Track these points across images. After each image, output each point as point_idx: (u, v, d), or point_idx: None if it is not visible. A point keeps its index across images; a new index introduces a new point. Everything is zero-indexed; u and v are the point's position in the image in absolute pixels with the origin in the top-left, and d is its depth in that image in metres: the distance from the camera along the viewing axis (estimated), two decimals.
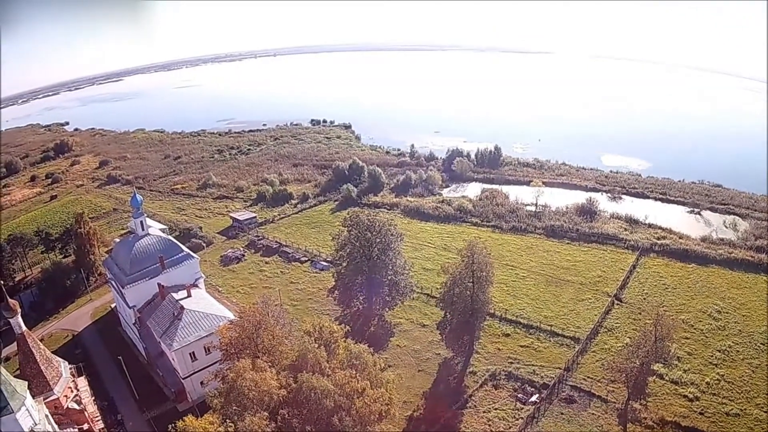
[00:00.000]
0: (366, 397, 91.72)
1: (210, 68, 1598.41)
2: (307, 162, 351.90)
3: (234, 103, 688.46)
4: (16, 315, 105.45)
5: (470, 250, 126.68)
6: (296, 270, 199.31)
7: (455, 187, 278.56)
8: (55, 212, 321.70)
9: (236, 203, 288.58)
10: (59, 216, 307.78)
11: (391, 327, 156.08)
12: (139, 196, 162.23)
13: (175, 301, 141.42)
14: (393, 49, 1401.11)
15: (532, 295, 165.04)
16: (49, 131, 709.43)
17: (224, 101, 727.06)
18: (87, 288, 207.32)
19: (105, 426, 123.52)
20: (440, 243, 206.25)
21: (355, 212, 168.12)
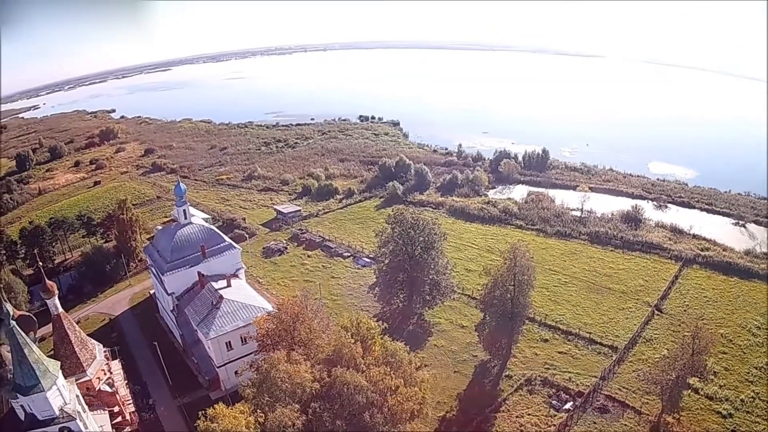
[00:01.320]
0: (399, 395, 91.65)
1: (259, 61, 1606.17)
2: (354, 158, 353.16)
3: (283, 97, 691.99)
4: (53, 296, 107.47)
5: (513, 252, 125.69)
6: (338, 265, 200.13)
7: (501, 189, 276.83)
8: (97, 198, 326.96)
9: (281, 196, 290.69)
10: (102, 201, 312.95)
11: (430, 326, 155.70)
12: (183, 185, 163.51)
13: (214, 290, 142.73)
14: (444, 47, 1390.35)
15: (573, 301, 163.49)
16: (95, 118, 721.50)
17: (273, 94, 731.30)
18: (126, 273, 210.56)
19: (136, 410, 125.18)
20: (484, 244, 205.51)
21: (400, 210, 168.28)
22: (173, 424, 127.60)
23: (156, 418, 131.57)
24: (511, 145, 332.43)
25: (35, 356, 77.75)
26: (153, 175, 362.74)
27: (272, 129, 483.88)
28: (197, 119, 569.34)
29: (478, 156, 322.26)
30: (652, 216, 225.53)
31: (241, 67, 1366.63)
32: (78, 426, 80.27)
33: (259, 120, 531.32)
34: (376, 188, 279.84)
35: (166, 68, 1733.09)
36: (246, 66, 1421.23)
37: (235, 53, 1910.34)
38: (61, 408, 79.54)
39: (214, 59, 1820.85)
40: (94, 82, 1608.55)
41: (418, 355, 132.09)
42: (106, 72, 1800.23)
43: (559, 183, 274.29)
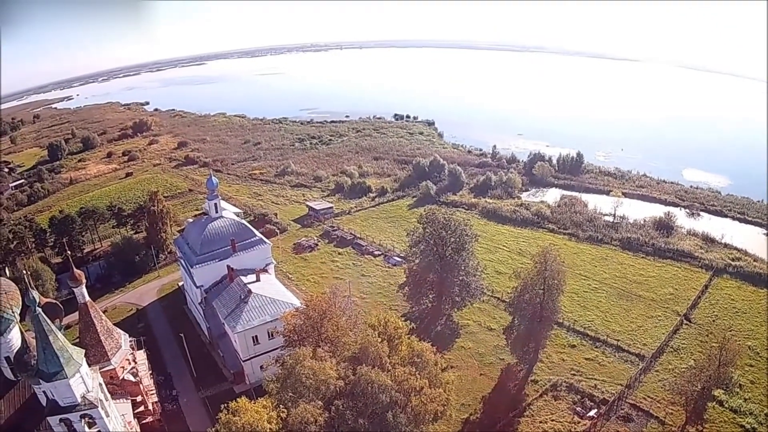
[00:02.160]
0: (423, 395, 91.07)
1: (295, 57, 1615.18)
2: (388, 156, 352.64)
3: (317, 93, 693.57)
4: (80, 285, 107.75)
5: (544, 256, 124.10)
6: (369, 263, 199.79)
7: (534, 192, 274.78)
8: (129, 189, 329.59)
9: (313, 192, 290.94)
10: (133, 193, 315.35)
11: (458, 328, 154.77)
12: (215, 178, 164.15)
13: (243, 284, 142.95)
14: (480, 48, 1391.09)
15: (602, 307, 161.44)
16: (129, 110, 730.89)
17: (308, 91, 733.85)
18: (156, 265, 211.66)
19: (159, 400, 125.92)
20: (515, 247, 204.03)
21: (432, 210, 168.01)
22: (196, 416, 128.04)
23: (179, 409, 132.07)
24: (546, 148, 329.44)
25: (60, 343, 77.59)
26: (185, 168, 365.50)
27: (306, 125, 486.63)
28: (231, 114, 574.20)
29: (512, 158, 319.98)
30: (684, 224, 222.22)
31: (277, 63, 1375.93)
32: (99, 414, 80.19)
33: (294, 116, 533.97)
34: (409, 187, 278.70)
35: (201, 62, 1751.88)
36: (281, 62, 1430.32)
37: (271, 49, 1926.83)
38: (83, 395, 79.34)
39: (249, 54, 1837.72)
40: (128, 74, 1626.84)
41: (445, 356, 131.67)
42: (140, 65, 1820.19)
43: (593, 187, 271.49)
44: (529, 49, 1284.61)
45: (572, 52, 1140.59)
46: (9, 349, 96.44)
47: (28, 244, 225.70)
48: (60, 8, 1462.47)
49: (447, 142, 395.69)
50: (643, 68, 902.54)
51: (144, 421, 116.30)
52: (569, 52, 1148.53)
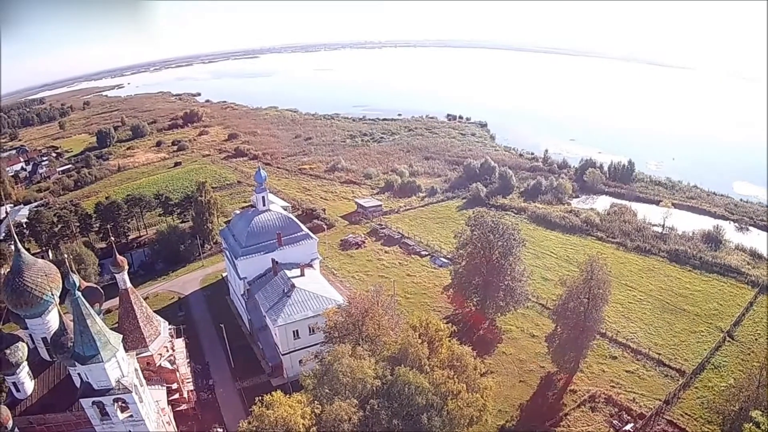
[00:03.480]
0: (460, 399, 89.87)
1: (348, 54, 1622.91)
2: (439, 156, 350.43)
3: (371, 91, 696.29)
4: (122, 271, 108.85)
5: (590, 265, 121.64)
6: (415, 263, 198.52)
7: (584, 199, 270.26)
8: (177, 178, 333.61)
9: (363, 190, 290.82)
10: (181, 182, 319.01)
11: (501, 333, 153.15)
12: (264, 172, 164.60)
13: (287, 278, 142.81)
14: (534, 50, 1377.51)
15: (646, 319, 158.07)
16: (180, 100, 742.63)
17: (361, 87, 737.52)
18: (200, 254, 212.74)
19: (195, 389, 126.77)
20: (563, 254, 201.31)
21: (481, 212, 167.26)
22: (230, 407, 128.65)
23: (214, 398, 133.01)
24: (598, 155, 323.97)
25: (97, 327, 77.34)
26: (235, 160, 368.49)
27: (358, 122, 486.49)
28: (283, 108, 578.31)
29: (563, 163, 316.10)
30: (732, 238, 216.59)
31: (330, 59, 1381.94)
32: (133, 399, 79.87)
33: (346, 112, 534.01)
34: (459, 188, 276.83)
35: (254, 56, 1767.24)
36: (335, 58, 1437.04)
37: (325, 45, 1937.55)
38: (117, 380, 79.08)
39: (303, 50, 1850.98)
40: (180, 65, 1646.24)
41: (485, 361, 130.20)
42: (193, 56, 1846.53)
43: (643, 196, 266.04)
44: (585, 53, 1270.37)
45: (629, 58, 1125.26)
46: (47, 330, 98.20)
47: (72, 229, 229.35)
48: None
49: (499, 144, 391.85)
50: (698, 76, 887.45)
51: (178, 408, 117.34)
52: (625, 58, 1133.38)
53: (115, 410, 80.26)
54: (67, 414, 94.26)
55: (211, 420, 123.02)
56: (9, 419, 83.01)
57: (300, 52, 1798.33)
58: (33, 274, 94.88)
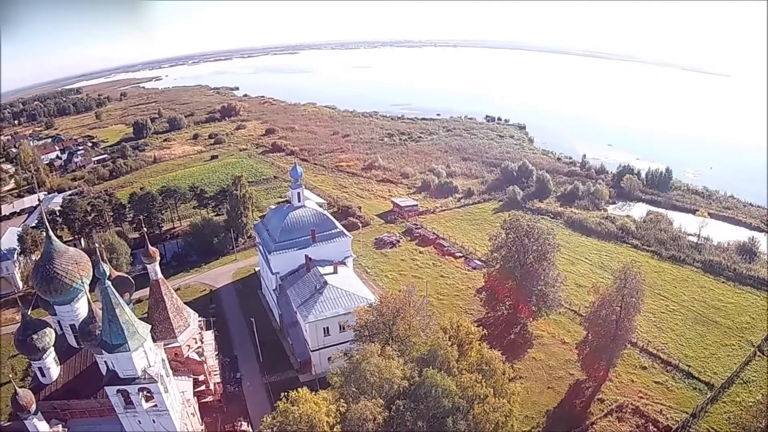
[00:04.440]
0: (486, 404, 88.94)
1: (388, 52, 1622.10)
2: (477, 158, 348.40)
3: (410, 90, 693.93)
4: (153, 262, 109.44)
5: (624, 273, 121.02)
6: (449, 264, 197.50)
7: (621, 205, 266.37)
8: (213, 171, 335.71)
9: (399, 189, 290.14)
10: (217, 175, 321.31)
11: (532, 338, 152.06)
12: (300, 168, 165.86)
13: (319, 275, 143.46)
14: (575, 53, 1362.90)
15: (678, 330, 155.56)
16: (218, 94, 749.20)
17: (400, 86, 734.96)
18: (234, 248, 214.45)
19: (222, 381, 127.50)
20: (597, 261, 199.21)
21: (517, 216, 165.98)
22: (256, 401, 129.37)
23: (240, 392, 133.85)
24: (635, 161, 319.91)
25: (126, 317, 78.12)
26: (272, 155, 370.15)
27: (397, 121, 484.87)
28: (321, 104, 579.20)
29: (601, 168, 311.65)
30: None
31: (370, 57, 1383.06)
32: (158, 389, 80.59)
33: (385, 111, 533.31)
34: (496, 191, 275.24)
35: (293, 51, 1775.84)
36: (374, 56, 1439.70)
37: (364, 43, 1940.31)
38: (144, 369, 79.79)
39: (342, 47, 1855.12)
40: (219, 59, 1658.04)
41: (515, 365, 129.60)
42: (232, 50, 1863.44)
43: (679, 205, 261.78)
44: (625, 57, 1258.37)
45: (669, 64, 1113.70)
46: (75, 317, 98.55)
47: (106, 218, 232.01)
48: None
49: (537, 147, 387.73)
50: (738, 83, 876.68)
51: (204, 400, 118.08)
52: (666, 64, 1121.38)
53: (140, 399, 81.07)
54: (91, 401, 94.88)
55: (237, 413, 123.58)
56: (32, 403, 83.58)
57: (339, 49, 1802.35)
58: (63, 261, 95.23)
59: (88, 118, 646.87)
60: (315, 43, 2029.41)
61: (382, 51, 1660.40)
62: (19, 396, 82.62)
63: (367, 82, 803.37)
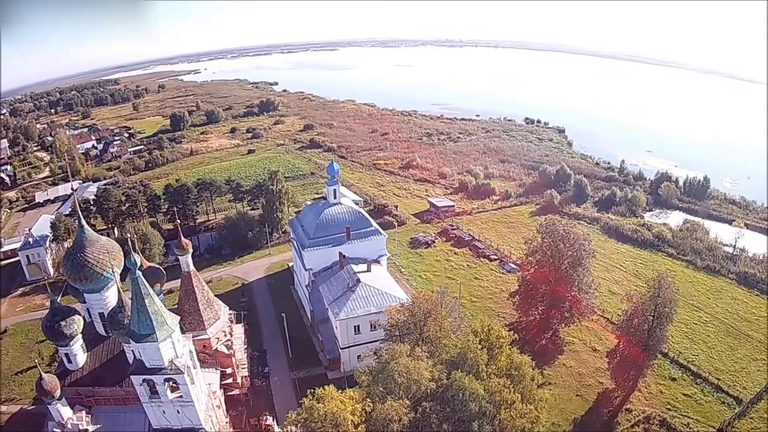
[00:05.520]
0: (514, 410, 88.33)
1: (429, 51, 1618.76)
2: (515, 160, 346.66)
3: (449, 89, 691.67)
4: (186, 254, 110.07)
5: (658, 282, 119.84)
6: (483, 266, 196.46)
7: (658, 213, 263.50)
8: (249, 165, 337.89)
9: (436, 189, 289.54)
10: (253, 170, 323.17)
11: (563, 344, 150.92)
12: (337, 165, 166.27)
13: (353, 272, 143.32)
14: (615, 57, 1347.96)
15: (709, 342, 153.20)
16: (257, 88, 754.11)
17: (440, 86, 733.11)
18: (268, 242, 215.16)
19: (249, 375, 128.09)
20: (632, 268, 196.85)
21: (553, 220, 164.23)
22: (283, 396, 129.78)
23: (267, 386, 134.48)
24: (674, 168, 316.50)
25: (155, 307, 78.54)
26: (309, 151, 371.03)
27: (436, 120, 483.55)
28: (361, 101, 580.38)
29: (639, 175, 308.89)
30: None
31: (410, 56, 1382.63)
32: (184, 380, 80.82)
33: (424, 110, 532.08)
34: (533, 194, 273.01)
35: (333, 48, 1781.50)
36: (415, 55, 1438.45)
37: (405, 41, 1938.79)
38: (171, 360, 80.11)
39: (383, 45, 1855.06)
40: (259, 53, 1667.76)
41: (545, 371, 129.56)
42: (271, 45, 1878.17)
43: (716, 214, 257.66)
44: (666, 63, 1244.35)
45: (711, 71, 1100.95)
46: (104, 305, 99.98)
47: (140, 208, 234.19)
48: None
49: (576, 151, 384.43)
50: None
51: (230, 392, 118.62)
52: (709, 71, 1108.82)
53: (165, 389, 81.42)
54: (116, 388, 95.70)
55: (263, 407, 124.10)
56: (57, 388, 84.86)
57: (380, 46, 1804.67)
58: (95, 250, 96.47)
59: (125, 109, 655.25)
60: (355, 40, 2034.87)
61: (423, 50, 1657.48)
62: (44, 381, 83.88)
63: (408, 81, 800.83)
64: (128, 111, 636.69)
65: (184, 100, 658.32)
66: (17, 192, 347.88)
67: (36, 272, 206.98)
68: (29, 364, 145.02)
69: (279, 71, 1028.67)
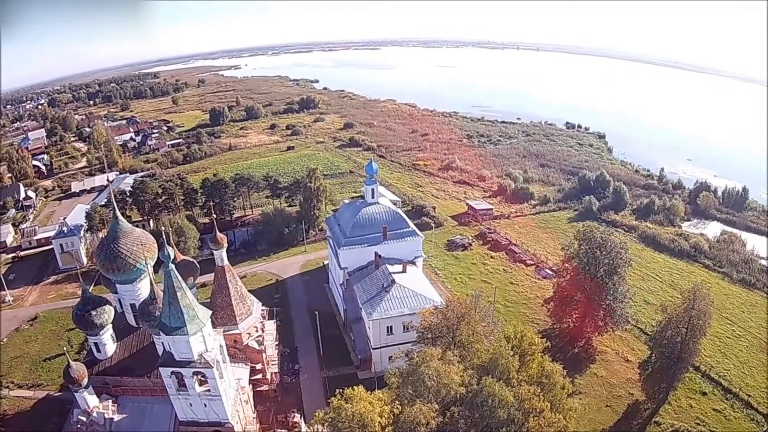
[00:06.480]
0: (542, 418, 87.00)
1: (470, 52, 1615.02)
2: (555, 165, 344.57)
3: (491, 91, 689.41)
4: (220, 248, 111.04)
5: (693, 294, 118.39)
6: (519, 271, 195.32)
7: (696, 223, 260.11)
8: (288, 162, 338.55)
9: (475, 191, 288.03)
10: (292, 166, 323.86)
11: (595, 353, 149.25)
12: (375, 164, 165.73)
13: (388, 273, 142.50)
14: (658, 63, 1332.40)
15: (742, 357, 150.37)
16: (297, 86, 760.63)
17: (481, 87, 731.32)
18: (304, 240, 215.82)
19: (279, 372, 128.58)
20: (668, 279, 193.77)
21: (591, 227, 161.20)
22: (312, 394, 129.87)
23: (297, 383, 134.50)
24: (713, 178, 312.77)
25: (187, 301, 79.12)
26: (349, 150, 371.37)
27: (476, 122, 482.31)
28: (402, 101, 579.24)
29: (678, 183, 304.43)
30: None
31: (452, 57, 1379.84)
32: (213, 374, 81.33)
33: (465, 112, 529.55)
34: (572, 200, 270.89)
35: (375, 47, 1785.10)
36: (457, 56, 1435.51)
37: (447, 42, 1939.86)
38: (200, 354, 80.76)
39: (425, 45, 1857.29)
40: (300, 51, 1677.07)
41: (575, 380, 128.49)
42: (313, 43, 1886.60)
43: (753, 227, 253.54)
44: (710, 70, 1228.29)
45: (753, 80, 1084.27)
46: (136, 297, 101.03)
47: (177, 202, 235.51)
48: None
49: (615, 158, 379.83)
50: None
51: (259, 388, 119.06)
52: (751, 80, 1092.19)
53: (194, 383, 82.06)
54: (144, 379, 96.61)
55: (291, 404, 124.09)
56: (84, 377, 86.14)
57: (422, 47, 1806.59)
58: (129, 241, 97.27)
59: (165, 103, 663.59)
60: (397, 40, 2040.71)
61: (465, 51, 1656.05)
62: (72, 369, 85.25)
63: (448, 82, 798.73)
64: (167, 104, 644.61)
65: (224, 95, 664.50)
66: (53, 181, 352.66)
67: (69, 261, 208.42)
68: (58, 351, 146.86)
69: (320, 69, 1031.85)
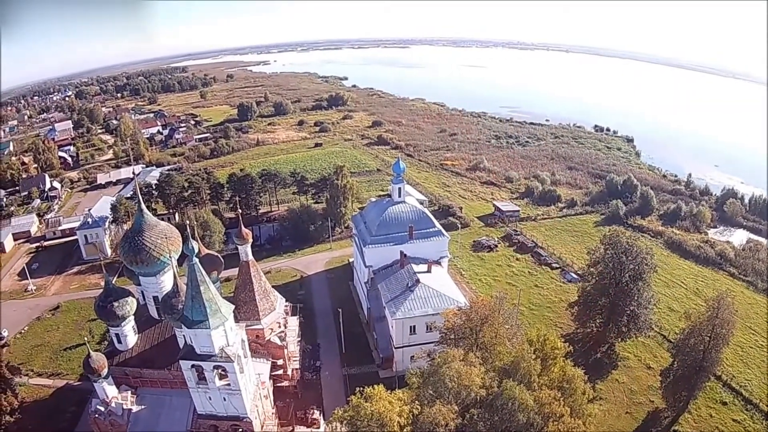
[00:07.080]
0: (562, 423, 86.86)
1: (500, 52, 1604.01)
2: (582, 167, 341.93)
3: (520, 92, 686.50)
4: (245, 244, 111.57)
5: (718, 302, 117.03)
6: (544, 274, 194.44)
7: (722, 230, 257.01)
8: (315, 159, 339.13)
9: (502, 192, 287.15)
10: (319, 163, 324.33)
11: (617, 359, 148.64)
12: (403, 163, 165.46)
13: (412, 272, 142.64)
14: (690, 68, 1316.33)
15: (763, 367, 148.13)
16: (326, 82, 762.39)
17: (511, 88, 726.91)
18: (330, 237, 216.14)
19: (300, 368, 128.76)
20: (693, 286, 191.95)
21: (617, 231, 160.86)
22: (332, 391, 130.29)
23: (317, 380, 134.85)
24: (740, 185, 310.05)
25: (209, 295, 79.31)
26: (376, 148, 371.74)
27: (505, 123, 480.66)
28: (430, 101, 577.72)
29: (705, 190, 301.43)
30: None
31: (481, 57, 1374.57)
32: (233, 369, 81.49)
33: (493, 112, 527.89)
34: (599, 203, 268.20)
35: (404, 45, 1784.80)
36: (486, 56, 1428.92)
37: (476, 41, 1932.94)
38: (221, 348, 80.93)
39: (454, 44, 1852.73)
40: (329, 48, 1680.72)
41: (596, 386, 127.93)
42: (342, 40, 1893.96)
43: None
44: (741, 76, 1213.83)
45: None
46: (159, 289, 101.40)
47: (203, 196, 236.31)
48: None
49: (643, 162, 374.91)
50: None
51: (280, 384, 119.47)
52: None
53: (214, 376, 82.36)
54: (164, 371, 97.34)
55: (311, 400, 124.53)
56: (104, 367, 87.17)
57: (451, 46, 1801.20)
58: (153, 234, 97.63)
59: (193, 97, 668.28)
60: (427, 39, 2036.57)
61: (495, 51, 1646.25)
62: (92, 359, 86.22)
63: (478, 82, 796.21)
64: (195, 99, 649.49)
65: (253, 91, 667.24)
66: (79, 172, 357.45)
67: (93, 252, 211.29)
68: (79, 341, 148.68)
69: (349, 66, 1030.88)
